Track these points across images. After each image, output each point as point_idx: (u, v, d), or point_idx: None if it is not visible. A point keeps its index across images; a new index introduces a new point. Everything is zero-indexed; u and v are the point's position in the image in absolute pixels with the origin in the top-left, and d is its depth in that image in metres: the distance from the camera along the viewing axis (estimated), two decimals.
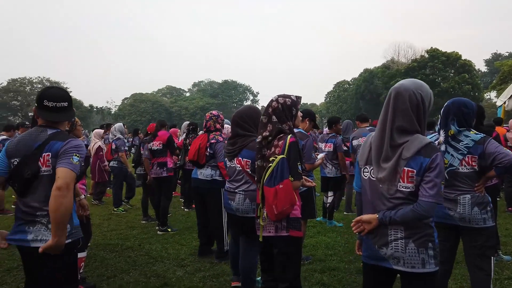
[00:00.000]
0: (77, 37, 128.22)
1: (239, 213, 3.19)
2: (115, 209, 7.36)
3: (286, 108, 2.67)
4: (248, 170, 3.13)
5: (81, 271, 2.33)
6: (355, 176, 2.17)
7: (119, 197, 7.52)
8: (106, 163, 7.69)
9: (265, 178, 2.50)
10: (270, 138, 2.63)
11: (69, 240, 2.20)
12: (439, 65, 42.44)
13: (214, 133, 4.43)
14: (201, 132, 6.95)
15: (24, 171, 2.17)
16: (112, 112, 65.76)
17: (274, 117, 2.67)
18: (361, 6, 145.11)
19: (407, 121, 1.89)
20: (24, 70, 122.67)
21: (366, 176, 2.02)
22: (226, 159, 3.35)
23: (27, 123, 9.15)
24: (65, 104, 2.31)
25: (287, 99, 2.70)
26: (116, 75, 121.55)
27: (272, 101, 2.72)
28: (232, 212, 3.25)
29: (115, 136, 7.68)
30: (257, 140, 2.72)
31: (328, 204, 6.15)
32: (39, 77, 62.20)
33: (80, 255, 2.34)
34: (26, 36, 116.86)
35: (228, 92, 71.74)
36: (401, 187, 1.88)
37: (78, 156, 2.18)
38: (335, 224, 6.11)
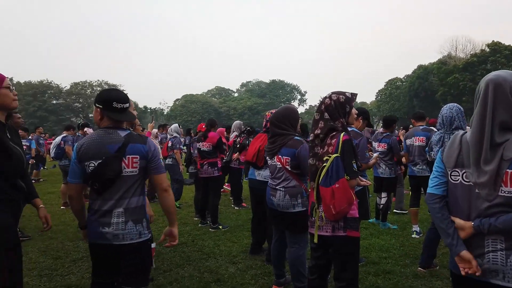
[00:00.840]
0: (130, 42, 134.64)
1: (280, 208, 3.34)
2: None
3: (339, 105, 2.63)
4: (288, 167, 3.26)
5: (153, 259, 2.50)
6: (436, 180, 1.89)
7: (179, 193, 7.77)
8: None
9: (321, 178, 2.47)
10: (321, 135, 2.60)
11: (150, 235, 2.44)
12: (502, 60, 39.72)
13: None
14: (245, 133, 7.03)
15: (105, 172, 2.27)
16: (165, 113, 68.37)
17: (326, 114, 2.64)
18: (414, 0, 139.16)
19: (511, 116, 1.66)
20: (85, 74, 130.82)
21: (456, 180, 1.79)
22: (267, 157, 3.50)
23: (89, 124, 9.75)
24: (127, 105, 2.43)
25: (341, 96, 2.65)
26: (168, 77, 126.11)
27: (325, 98, 2.69)
28: (274, 208, 3.41)
29: (172, 135, 8.01)
30: (309, 138, 2.71)
31: (381, 206, 5.96)
32: (98, 80, 66.15)
33: (152, 245, 2.52)
34: (86, 41, 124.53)
35: (275, 92, 71.91)
36: (503, 191, 1.65)
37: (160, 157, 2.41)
38: (389, 226, 5.91)
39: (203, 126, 6.86)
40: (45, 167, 15.10)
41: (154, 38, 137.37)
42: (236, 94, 78.49)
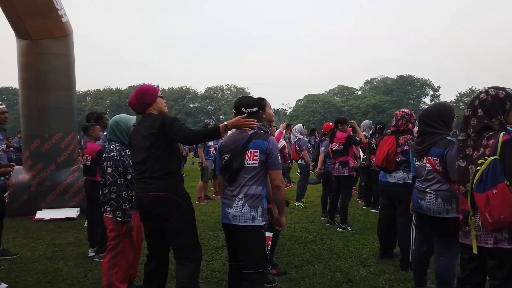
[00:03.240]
0: (257, 45, 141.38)
1: (430, 212, 3.14)
2: (296, 203, 7.85)
3: (498, 101, 2.35)
4: (439, 168, 3.04)
5: (268, 248, 2.70)
6: None
7: (303, 193, 7.96)
8: (288, 161, 8.28)
9: (474, 183, 2.26)
10: (473, 134, 2.38)
11: (264, 223, 2.69)
12: None
13: (405, 136, 4.20)
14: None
15: (232, 164, 2.69)
16: (287, 113, 70.09)
17: (480, 110, 2.39)
18: None
19: None
20: (216, 79, 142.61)
21: None
22: (414, 158, 3.30)
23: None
24: (255, 109, 2.83)
25: (500, 91, 2.37)
26: (291, 77, 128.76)
27: (480, 93, 2.44)
28: (422, 212, 3.21)
29: (296, 137, 8.22)
30: (459, 137, 2.50)
31: None
32: (228, 84, 71.37)
33: (267, 234, 2.74)
34: (215, 48, 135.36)
35: (403, 88, 67.24)
36: None
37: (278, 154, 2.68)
38: None
39: (329, 124, 6.88)
40: (185, 163, 16.99)
41: (277, 40, 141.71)
42: (359, 92, 75.91)
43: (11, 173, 4.53)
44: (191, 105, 69.32)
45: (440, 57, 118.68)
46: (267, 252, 2.71)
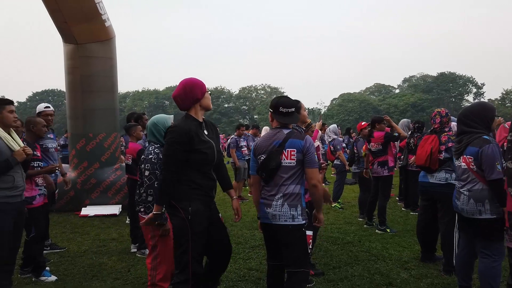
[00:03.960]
0: (288, 45, 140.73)
1: (464, 213, 3.12)
2: (332, 204, 7.76)
3: None
4: (473, 167, 3.02)
5: (310, 246, 2.70)
6: None
7: (339, 193, 7.86)
8: (322, 161, 8.20)
9: None
10: None
11: (304, 222, 2.69)
12: None
13: (447, 133, 4.09)
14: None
15: (269, 163, 2.70)
16: (322, 113, 69.32)
17: None
18: None
19: None
20: (250, 79, 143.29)
21: None
22: (454, 157, 3.31)
23: (258, 126, 10.70)
24: (292, 109, 2.84)
25: None
26: (325, 77, 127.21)
27: None
28: (458, 211, 3.23)
29: (330, 137, 8.14)
30: (508, 137, 2.39)
31: None
32: (262, 84, 71.57)
33: (308, 232, 2.77)
34: (249, 49, 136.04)
35: (444, 86, 64.69)
36: None
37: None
38: None
39: (362, 124, 6.75)
40: None
41: (310, 39, 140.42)
42: (397, 91, 73.80)
43: (62, 170, 4.81)
44: (226, 105, 70.12)
45: (484, 53, 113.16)
46: (309, 251, 2.71)
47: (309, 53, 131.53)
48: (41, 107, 4.95)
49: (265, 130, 10.56)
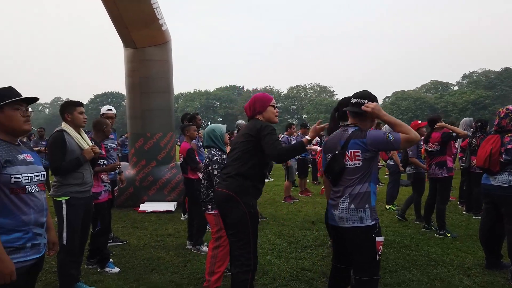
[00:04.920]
0: (339, 43, 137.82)
1: None
2: (387, 206, 7.51)
3: None
4: None
5: (379, 253, 2.54)
6: None
7: (393, 195, 7.60)
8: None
9: None
10: None
11: (373, 223, 2.56)
12: None
13: (511, 134, 3.83)
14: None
15: (334, 166, 2.63)
16: None
17: None
18: None
19: None
20: (299, 78, 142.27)
21: None
22: None
23: (307, 125, 10.59)
24: (365, 101, 2.62)
25: None
26: (377, 74, 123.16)
27: None
28: None
29: None
30: None
31: None
32: (311, 83, 70.86)
33: (378, 239, 2.55)
34: (298, 47, 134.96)
35: (509, 82, 60.07)
36: None
37: None
38: None
39: (418, 123, 6.44)
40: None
41: (359, 35, 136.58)
42: (456, 88, 69.74)
43: (120, 169, 5.09)
44: None
45: None
46: (378, 258, 2.52)
47: (359, 50, 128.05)
48: (104, 109, 5.29)
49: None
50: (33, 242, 2.14)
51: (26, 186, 2.10)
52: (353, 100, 2.67)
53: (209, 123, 59.14)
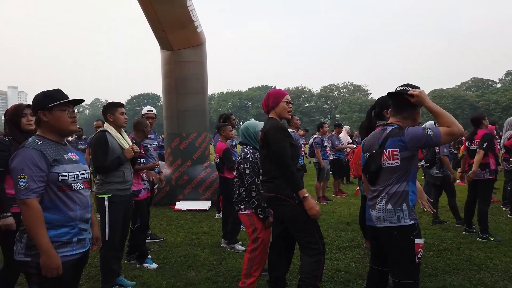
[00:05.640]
0: (375, 41, 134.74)
1: None
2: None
3: None
4: None
5: (419, 256, 2.45)
6: None
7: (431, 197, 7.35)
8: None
9: None
10: None
11: (411, 222, 2.47)
12: None
13: None
14: None
15: (370, 165, 2.59)
16: None
17: None
18: None
19: None
20: (332, 77, 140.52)
21: None
22: None
23: (341, 124, 10.46)
24: (409, 88, 2.52)
25: None
26: (413, 72, 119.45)
27: None
28: None
29: None
30: None
31: None
32: (344, 82, 69.83)
33: (417, 241, 2.45)
34: (330, 46, 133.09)
35: None
36: None
37: None
38: None
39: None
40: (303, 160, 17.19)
41: (395, 31, 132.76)
42: (498, 85, 66.47)
43: (158, 168, 5.22)
44: (307, 105, 69.77)
45: None
46: (417, 261, 2.43)
47: (393, 47, 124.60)
48: (145, 109, 5.46)
49: (345, 130, 10.30)
50: (79, 237, 2.24)
51: (72, 184, 2.20)
52: (399, 88, 2.56)
53: (241, 123, 59.57)
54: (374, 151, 2.58)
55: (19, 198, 2.04)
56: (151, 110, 5.46)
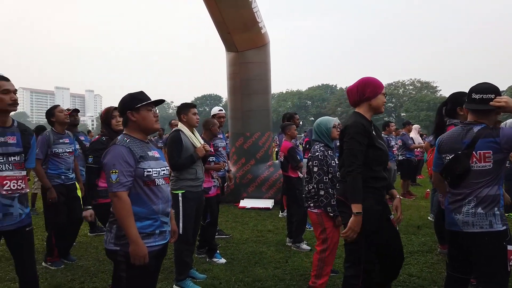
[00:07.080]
0: (432, 37, 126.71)
1: None
2: (506, 214, 6.71)
3: None
4: None
5: (511, 263, 2.27)
6: None
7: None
8: None
9: None
10: None
11: (504, 227, 2.33)
12: None
13: None
14: None
15: (455, 167, 2.41)
16: None
17: None
18: None
19: None
20: (398, 74, 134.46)
21: None
22: None
23: (410, 122, 10.00)
24: (492, 96, 2.38)
25: None
26: (488, 67, 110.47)
27: None
28: None
29: None
30: None
31: None
32: (411, 79, 66.47)
33: (510, 247, 2.28)
34: (395, 41, 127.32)
35: None
36: None
37: None
38: None
39: None
40: None
41: (466, 27, 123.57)
42: None
43: (228, 167, 5.39)
44: None
45: None
46: (509, 268, 2.28)
47: (470, 41, 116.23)
48: (215, 110, 5.67)
49: (415, 129, 9.80)
50: (161, 229, 2.40)
51: (155, 179, 2.36)
52: (476, 96, 2.41)
53: (300, 123, 59.24)
54: (460, 152, 2.41)
55: (111, 191, 2.24)
56: (222, 110, 5.66)
